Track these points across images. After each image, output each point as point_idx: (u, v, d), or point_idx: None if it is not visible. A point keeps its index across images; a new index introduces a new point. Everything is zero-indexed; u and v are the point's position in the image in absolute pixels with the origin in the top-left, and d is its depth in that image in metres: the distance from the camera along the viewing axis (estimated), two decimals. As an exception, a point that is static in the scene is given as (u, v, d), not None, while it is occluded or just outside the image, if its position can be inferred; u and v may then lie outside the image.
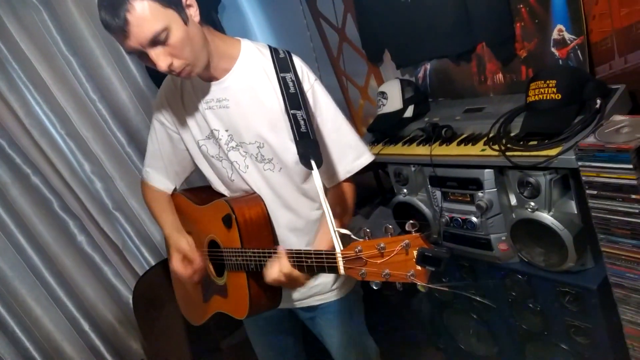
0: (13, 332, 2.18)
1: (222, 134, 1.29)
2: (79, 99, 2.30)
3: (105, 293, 2.41)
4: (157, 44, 1.07)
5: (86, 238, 2.34)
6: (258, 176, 1.31)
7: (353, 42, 2.44)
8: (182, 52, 1.10)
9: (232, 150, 1.30)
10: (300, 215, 1.36)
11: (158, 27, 1.05)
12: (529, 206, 1.52)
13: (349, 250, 0.97)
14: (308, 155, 1.14)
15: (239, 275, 1.30)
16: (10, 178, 2.17)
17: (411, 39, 2.02)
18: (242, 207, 1.28)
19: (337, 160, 1.29)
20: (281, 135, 1.24)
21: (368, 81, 2.50)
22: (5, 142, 2.14)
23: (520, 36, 1.72)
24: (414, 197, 1.92)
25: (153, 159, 1.48)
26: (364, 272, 0.95)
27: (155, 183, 1.49)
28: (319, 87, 1.27)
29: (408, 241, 0.87)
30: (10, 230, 2.16)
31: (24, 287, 2.20)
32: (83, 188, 2.33)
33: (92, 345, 2.36)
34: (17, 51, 2.15)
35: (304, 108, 1.17)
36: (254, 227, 1.28)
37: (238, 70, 1.23)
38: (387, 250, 0.90)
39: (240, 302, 1.32)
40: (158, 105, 1.40)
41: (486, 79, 1.90)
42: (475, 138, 1.68)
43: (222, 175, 1.38)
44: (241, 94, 1.24)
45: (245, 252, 1.24)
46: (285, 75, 1.20)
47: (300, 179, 1.32)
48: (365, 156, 1.33)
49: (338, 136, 1.28)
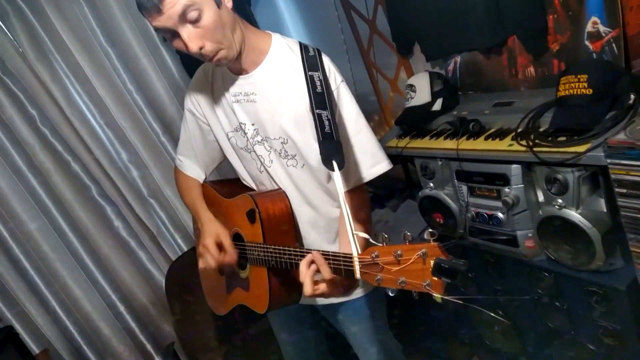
0: (55, 312, 2.31)
1: (249, 127, 1.31)
2: (116, 89, 2.39)
3: (140, 277, 2.51)
4: (189, 22, 1.08)
5: (122, 224, 2.44)
6: (281, 171, 1.32)
7: (383, 34, 2.42)
8: (214, 35, 1.11)
9: (258, 144, 1.32)
10: (321, 212, 1.36)
11: (189, 3, 1.05)
12: (556, 203, 1.50)
13: (365, 255, 0.96)
14: (330, 156, 1.13)
15: (260, 270, 1.32)
16: (53, 165, 2.28)
17: (441, 31, 2.00)
18: (265, 202, 1.29)
19: (353, 165, 1.28)
20: (305, 133, 1.25)
21: (398, 73, 2.48)
22: (48, 130, 2.26)
23: (553, 29, 1.68)
24: (440, 192, 1.91)
25: (185, 148, 1.52)
26: (380, 278, 0.94)
27: (187, 171, 1.53)
28: (345, 89, 1.26)
29: (425, 250, 0.86)
30: (53, 215, 2.28)
31: (64, 269, 2.33)
32: (120, 176, 2.43)
33: (127, 326, 2.47)
34: (59, 43, 2.25)
35: (329, 108, 1.16)
36: (277, 223, 1.29)
37: (267, 65, 1.24)
38: (403, 258, 0.89)
39: (260, 296, 1.34)
40: (189, 97, 1.43)
41: (517, 72, 1.86)
42: (503, 133, 1.65)
43: (251, 167, 1.40)
44: (269, 89, 1.25)
45: (267, 248, 1.25)
46: (313, 74, 1.20)
47: (324, 177, 1.33)
48: (381, 165, 1.30)
49: (356, 141, 1.27)
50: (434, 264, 0.85)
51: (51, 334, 2.35)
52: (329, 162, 1.13)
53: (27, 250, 2.26)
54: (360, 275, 0.98)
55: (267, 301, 1.31)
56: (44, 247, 2.29)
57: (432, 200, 1.94)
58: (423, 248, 0.86)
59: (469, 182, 1.74)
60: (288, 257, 1.19)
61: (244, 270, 1.42)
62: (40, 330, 2.32)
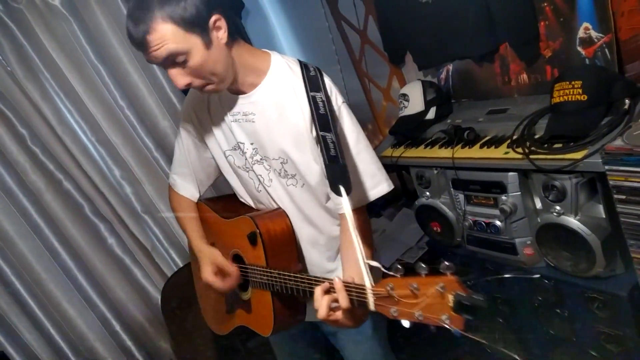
0: (49, 333, 2.27)
1: (248, 146, 1.29)
2: (108, 106, 2.36)
3: (135, 294, 2.48)
4: (175, 65, 1.09)
5: (116, 241, 2.41)
6: (281, 190, 1.30)
7: (375, 44, 2.43)
8: (200, 74, 1.11)
9: (257, 164, 1.30)
10: (322, 231, 1.34)
11: (175, 51, 1.06)
12: (554, 210, 1.49)
13: (380, 288, 0.92)
14: (337, 181, 1.10)
15: (264, 293, 1.29)
16: (44, 184, 2.25)
17: (433, 40, 2.00)
18: (267, 224, 1.27)
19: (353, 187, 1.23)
20: (305, 154, 1.22)
21: (390, 83, 2.48)
22: (39, 149, 2.23)
23: (545, 35, 1.68)
24: (436, 200, 1.90)
25: (179, 166, 1.49)
26: (395, 311, 0.90)
27: (181, 190, 1.51)
28: (346, 109, 1.23)
29: (443, 284, 0.82)
30: (45, 235, 2.25)
31: (58, 290, 2.29)
32: (113, 192, 2.40)
33: (123, 345, 2.43)
34: (49, 61, 2.23)
35: (333, 130, 1.13)
36: (279, 244, 1.27)
37: (266, 85, 1.22)
38: (420, 292, 0.85)
39: (264, 319, 1.31)
40: (185, 114, 1.41)
41: (510, 79, 1.86)
42: (498, 140, 1.65)
43: (248, 185, 1.37)
44: (268, 109, 1.22)
45: (271, 272, 1.22)
46: (315, 95, 1.17)
47: (323, 197, 1.30)
48: (382, 187, 1.27)
49: (357, 162, 1.24)
50: (454, 301, 0.81)
51: (45, 356, 2.30)
52: (336, 188, 1.10)
53: (19, 272, 2.22)
54: (375, 307, 0.95)
55: (271, 325, 1.29)
56: (36, 268, 2.25)
57: (429, 209, 1.93)
58: (441, 282, 0.82)
59: (465, 190, 1.73)
60: (294, 284, 1.16)
61: (246, 292, 1.39)
62: (34, 352, 2.27)
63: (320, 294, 1.04)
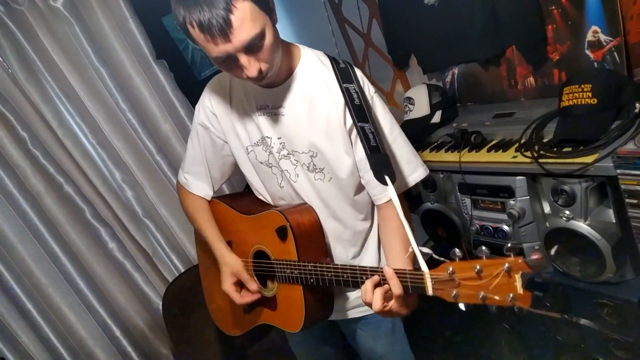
0: (48, 339, 2.23)
1: (275, 141, 1.26)
2: (109, 109, 2.34)
3: (136, 299, 2.44)
4: (252, 49, 1.02)
5: (117, 245, 2.37)
6: (308, 185, 1.28)
7: (379, 48, 2.41)
8: (271, 57, 1.06)
9: (284, 159, 1.27)
10: (346, 226, 1.32)
11: (257, 31, 1.00)
12: (563, 215, 1.47)
13: (440, 272, 0.93)
14: (381, 170, 1.10)
15: (292, 288, 1.27)
16: (44, 187, 2.22)
17: (438, 43, 1.99)
18: (296, 218, 1.25)
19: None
20: (336, 146, 1.21)
21: (394, 86, 2.47)
22: (39, 152, 2.19)
23: (552, 39, 1.67)
24: (442, 205, 1.88)
25: (193, 165, 1.44)
26: (456, 294, 0.92)
27: (194, 190, 1.46)
28: (378, 99, 1.24)
29: (510, 265, 0.84)
30: (45, 239, 2.21)
31: (58, 294, 2.25)
32: (114, 196, 2.36)
33: (124, 351, 2.39)
34: (50, 63, 2.21)
35: (370, 121, 1.14)
36: (309, 239, 1.26)
37: (297, 78, 1.20)
38: (485, 273, 0.87)
39: (293, 315, 1.29)
40: (203, 110, 1.36)
41: (516, 83, 1.85)
42: (506, 144, 1.63)
43: (270, 181, 1.34)
44: (298, 102, 1.20)
45: (304, 265, 1.20)
46: (348, 86, 1.16)
47: (352, 190, 1.28)
48: (419, 171, 1.29)
49: (394, 149, 1.24)
50: (525, 278, 0.83)
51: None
52: (381, 177, 1.10)
53: (18, 276, 2.18)
54: (433, 291, 0.95)
55: (302, 320, 1.26)
56: (36, 273, 2.21)
57: (435, 213, 1.91)
58: (507, 263, 0.84)
59: (472, 194, 1.71)
60: (334, 275, 1.14)
61: (269, 289, 1.36)
62: (33, 358, 2.24)
63: (370, 288, 1.03)
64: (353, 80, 1.17)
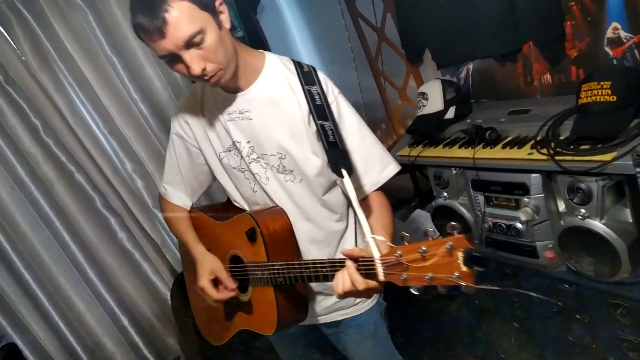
0: (57, 327, 2.25)
1: (244, 145, 1.29)
2: (121, 99, 2.34)
3: (144, 289, 2.46)
4: (192, 46, 1.07)
5: (127, 235, 2.39)
6: (279, 188, 1.31)
7: (392, 42, 2.39)
8: (215, 56, 1.10)
9: (254, 162, 1.30)
10: (320, 227, 1.34)
11: (195, 29, 1.05)
12: (579, 213, 1.46)
13: (389, 256, 0.93)
14: (338, 163, 1.15)
15: (265, 290, 1.28)
16: (56, 176, 2.23)
17: (454, 38, 1.97)
18: (265, 219, 1.27)
19: (363, 172, 1.28)
20: (303, 147, 1.24)
21: (407, 82, 2.45)
22: (51, 140, 2.21)
23: (571, 35, 1.65)
24: (454, 201, 1.86)
25: (171, 174, 1.47)
26: (405, 277, 0.91)
27: (173, 199, 1.49)
28: (343, 99, 1.28)
29: (452, 243, 0.84)
30: (56, 227, 2.23)
31: (68, 283, 2.27)
32: (124, 186, 2.37)
33: (131, 340, 2.41)
34: (63, 52, 2.21)
35: (330, 119, 1.19)
36: (279, 240, 1.27)
37: (262, 82, 1.24)
38: (429, 254, 0.87)
39: (267, 317, 1.29)
40: (177, 119, 1.40)
41: (533, 79, 1.83)
42: (521, 141, 1.61)
43: (243, 186, 1.37)
44: (264, 105, 1.24)
45: (272, 265, 1.22)
46: (310, 88, 1.22)
47: (321, 190, 1.31)
48: (392, 167, 1.32)
49: (363, 147, 1.27)
50: (464, 254, 0.83)
51: (53, 350, 2.28)
52: (338, 169, 1.15)
53: (29, 264, 2.20)
54: (385, 277, 0.96)
55: (275, 321, 1.27)
56: (46, 260, 2.23)
57: (446, 210, 1.89)
58: (449, 241, 0.84)
59: (485, 191, 1.70)
60: (298, 272, 1.16)
61: (245, 294, 1.37)
62: (42, 345, 2.25)
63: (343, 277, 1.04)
64: (315, 83, 1.22)
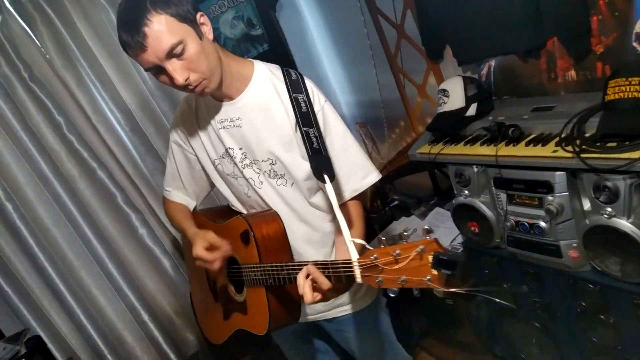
0: (79, 320, 2.28)
1: (237, 152, 1.34)
2: (142, 96, 2.37)
3: (164, 285, 2.48)
4: (174, 57, 1.11)
5: (147, 231, 2.41)
6: (272, 191, 1.35)
7: (412, 39, 2.38)
8: (198, 66, 1.14)
9: (247, 168, 1.35)
10: (315, 228, 1.39)
11: (174, 40, 1.09)
12: (605, 212, 1.43)
13: (365, 259, 0.98)
14: (321, 169, 1.20)
15: (258, 291, 1.32)
16: (78, 172, 2.27)
17: (475, 34, 1.94)
18: (259, 222, 1.31)
19: (344, 179, 1.33)
20: (292, 152, 1.29)
21: (427, 79, 2.43)
22: (74, 137, 2.24)
23: (597, 30, 1.61)
24: (475, 199, 1.84)
25: (172, 180, 1.54)
26: (380, 280, 0.95)
27: (175, 198, 1.55)
28: (329, 107, 1.32)
29: (423, 246, 0.87)
30: (78, 223, 2.26)
31: (89, 277, 2.31)
32: (145, 183, 2.40)
33: (151, 335, 2.43)
34: (86, 50, 2.25)
35: (315, 126, 1.24)
36: (272, 242, 1.31)
37: (251, 90, 1.28)
38: (402, 257, 0.90)
39: (259, 317, 1.33)
40: (174, 128, 1.46)
41: (556, 76, 1.79)
42: (545, 138, 1.59)
43: (238, 192, 1.42)
44: (254, 113, 1.28)
45: (264, 266, 1.26)
46: (297, 96, 1.26)
47: (308, 193, 1.36)
48: (372, 175, 1.37)
49: (346, 155, 1.32)
50: (433, 258, 0.86)
51: (75, 343, 2.33)
52: (320, 175, 1.19)
53: (52, 258, 2.24)
54: (362, 279, 1.00)
55: (266, 321, 1.30)
56: (69, 255, 2.27)
57: (467, 208, 1.87)
58: (420, 244, 0.87)
59: (508, 189, 1.67)
60: (286, 273, 1.19)
61: (241, 294, 1.41)
62: (64, 338, 2.30)
63: (302, 280, 1.09)
64: (302, 91, 1.27)
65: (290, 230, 1.35)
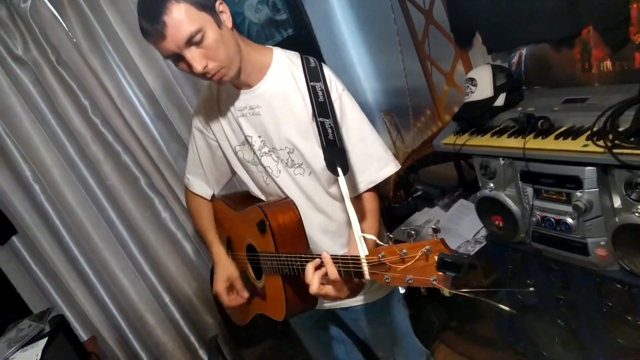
0: (103, 300, 2.34)
1: (255, 140, 1.34)
2: (167, 81, 2.38)
3: (185, 269, 2.51)
4: (193, 45, 1.11)
5: (170, 215, 2.44)
6: (289, 180, 1.35)
7: (440, 25, 2.31)
8: (216, 54, 1.14)
9: (265, 156, 1.35)
10: (332, 218, 1.38)
11: (193, 28, 1.09)
12: (636, 210, 1.37)
13: (373, 256, 0.98)
14: (334, 161, 1.18)
15: (275, 278, 1.34)
16: (103, 155, 2.30)
17: (507, 21, 1.87)
18: (275, 212, 1.31)
19: (360, 170, 1.31)
20: (310, 142, 1.28)
21: (455, 66, 2.36)
22: (99, 120, 2.27)
23: (636, 19, 1.53)
24: (501, 193, 1.79)
25: (193, 166, 1.55)
26: (388, 277, 0.96)
27: (196, 190, 1.57)
28: (347, 97, 1.30)
29: (429, 247, 0.87)
30: (103, 205, 2.30)
31: (113, 259, 2.35)
32: (168, 167, 2.43)
33: (172, 317, 2.48)
34: (112, 35, 2.26)
35: (331, 116, 1.22)
36: (288, 232, 1.31)
37: (270, 78, 1.28)
38: (408, 256, 0.90)
39: (277, 304, 1.35)
40: (197, 114, 1.47)
41: (591, 66, 1.72)
42: (576, 132, 1.52)
43: (257, 179, 1.42)
44: (273, 101, 1.28)
45: (279, 256, 1.26)
46: (315, 84, 1.25)
47: (327, 183, 1.34)
48: (390, 167, 1.34)
49: (363, 146, 1.30)
50: (437, 259, 0.86)
51: (98, 321, 2.39)
52: (334, 167, 1.17)
53: (77, 239, 2.29)
54: (370, 276, 1.00)
55: (284, 308, 1.32)
56: (94, 237, 2.31)
57: (492, 201, 1.82)
58: (427, 245, 0.87)
59: (535, 184, 1.62)
60: (300, 264, 1.19)
61: (260, 280, 1.43)
62: (88, 317, 2.36)
63: (311, 270, 1.10)
64: (320, 79, 1.25)
65: (307, 219, 1.35)
